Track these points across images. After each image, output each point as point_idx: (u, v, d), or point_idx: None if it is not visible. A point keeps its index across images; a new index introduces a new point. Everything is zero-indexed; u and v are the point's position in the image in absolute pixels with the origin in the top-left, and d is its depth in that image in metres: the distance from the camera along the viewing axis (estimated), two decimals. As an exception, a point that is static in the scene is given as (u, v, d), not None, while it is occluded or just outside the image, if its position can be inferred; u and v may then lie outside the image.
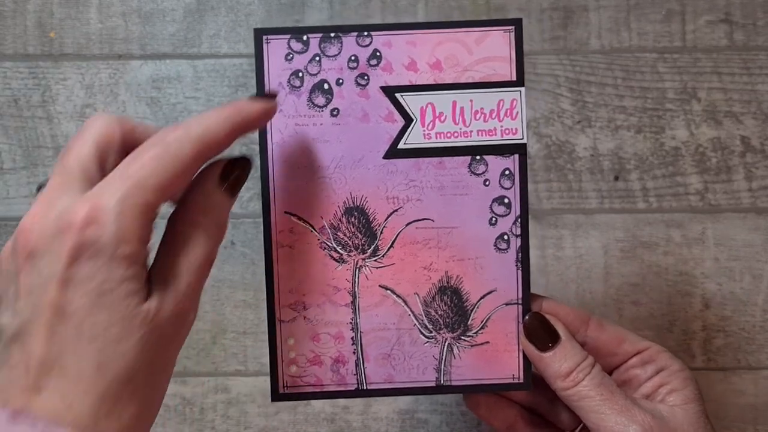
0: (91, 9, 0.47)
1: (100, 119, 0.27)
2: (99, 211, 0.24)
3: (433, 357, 0.34)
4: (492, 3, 0.47)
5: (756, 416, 0.46)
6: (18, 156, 0.47)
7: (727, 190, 0.47)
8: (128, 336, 0.25)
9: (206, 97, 0.47)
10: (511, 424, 0.37)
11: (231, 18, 0.47)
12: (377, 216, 0.33)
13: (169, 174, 0.25)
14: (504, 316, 0.34)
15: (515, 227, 0.33)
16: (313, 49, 0.33)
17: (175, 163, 0.26)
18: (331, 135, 0.33)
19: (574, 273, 0.47)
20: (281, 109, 0.33)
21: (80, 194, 0.25)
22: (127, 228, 0.24)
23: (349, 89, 0.33)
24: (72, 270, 0.24)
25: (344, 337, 0.34)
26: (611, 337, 0.34)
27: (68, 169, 0.26)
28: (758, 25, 0.47)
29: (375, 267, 0.33)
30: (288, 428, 0.46)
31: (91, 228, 0.24)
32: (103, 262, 0.24)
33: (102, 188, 0.25)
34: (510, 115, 0.33)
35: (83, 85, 0.47)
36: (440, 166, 0.33)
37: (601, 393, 0.32)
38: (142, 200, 0.25)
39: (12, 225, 0.47)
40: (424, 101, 0.33)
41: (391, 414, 0.46)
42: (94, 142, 0.27)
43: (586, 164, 0.47)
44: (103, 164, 0.27)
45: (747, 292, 0.47)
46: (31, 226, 0.25)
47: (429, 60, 0.33)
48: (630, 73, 0.47)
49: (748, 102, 0.47)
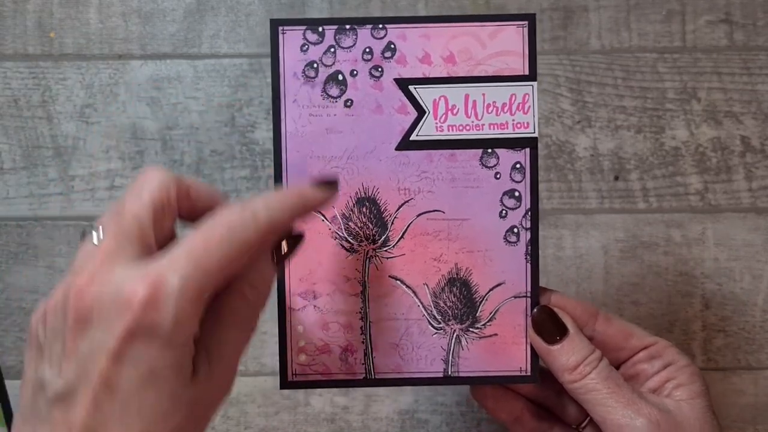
0: (91, 9, 0.47)
1: (157, 175, 0.27)
2: (160, 293, 0.24)
3: (441, 348, 0.34)
4: (492, 3, 0.47)
5: (756, 416, 0.46)
6: (18, 156, 0.47)
7: (727, 190, 0.47)
8: (174, 413, 0.25)
9: (206, 97, 0.47)
10: (518, 417, 0.37)
11: (231, 18, 0.47)
12: (388, 207, 0.33)
13: (232, 259, 0.25)
14: (512, 308, 0.34)
15: (525, 220, 0.34)
16: (329, 41, 0.33)
17: (240, 248, 0.26)
18: (344, 126, 0.33)
19: (574, 273, 0.47)
20: (295, 98, 0.33)
21: (138, 260, 0.25)
22: (184, 313, 0.24)
23: (363, 81, 0.33)
24: (126, 347, 0.24)
25: (353, 327, 0.34)
26: (619, 331, 0.34)
27: (125, 229, 0.26)
28: (758, 25, 0.47)
29: (385, 257, 0.34)
30: (288, 428, 0.46)
31: (150, 311, 0.24)
32: (158, 345, 0.24)
33: (164, 266, 0.25)
34: (522, 109, 0.33)
35: (83, 85, 0.47)
36: (452, 158, 0.33)
37: (607, 386, 0.32)
38: (202, 284, 0.25)
39: (12, 225, 0.47)
40: (437, 94, 0.33)
41: (391, 414, 0.46)
42: (152, 202, 0.26)
43: (586, 164, 0.47)
44: (159, 226, 0.26)
45: (747, 292, 0.47)
46: (86, 290, 0.25)
47: (443, 53, 0.33)
48: (630, 73, 0.47)
49: (748, 102, 0.47)
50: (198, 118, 0.47)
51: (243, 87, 0.47)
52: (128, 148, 0.47)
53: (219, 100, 0.47)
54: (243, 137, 0.47)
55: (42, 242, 0.47)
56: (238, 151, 0.47)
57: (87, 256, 0.26)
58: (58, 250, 0.47)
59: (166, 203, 0.27)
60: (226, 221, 0.26)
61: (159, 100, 0.47)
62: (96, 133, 0.47)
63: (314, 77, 0.33)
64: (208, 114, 0.47)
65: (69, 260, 0.46)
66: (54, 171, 0.47)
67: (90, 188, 0.47)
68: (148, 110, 0.47)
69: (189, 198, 0.28)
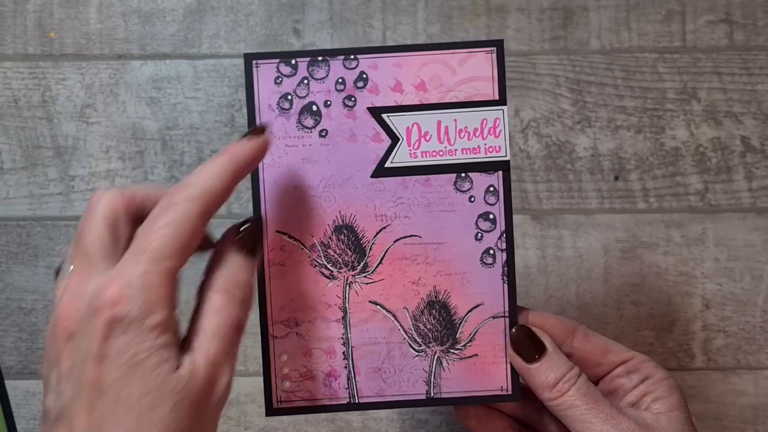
0: (91, 9, 0.47)
1: (103, 196, 0.29)
2: (125, 287, 0.26)
3: (423, 370, 0.34)
4: (492, 3, 0.47)
5: (756, 416, 0.46)
6: (18, 156, 0.47)
7: (727, 190, 0.47)
8: (162, 403, 0.26)
9: (206, 97, 0.47)
10: None
11: (231, 18, 0.47)
12: (366, 233, 0.34)
13: (181, 238, 0.27)
14: (491, 329, 0.34)
15: (500, 242, 0.34)
16: (302, 73, 0.33)
17: (185, 226, 0.27)
18: (319, 155, 0.34)
19: (574, 273, 0.47)
20: (271, 130, 0.33)
21: (105, 273, 0.27)
22: (153, 298, 0.26)
23: (337, 111, 0.34)
24: (105, 346, 0.25)
25: (336, 352, 0.34)
26: (597, 347, 0.35)
27: (87, 251, 0.28)
28: (758, 25, 0.47)
29: (365, 283, 0.34)
30: (288, 428, 0.46)
31: (120, 304, 0.25)
32: (134, 334, 0.25)
33: (124, 265, 0.26)
34: (493, 133, 0.34)
35: (83, 85, 0.47)
36: (427, 183, 0.34)
37: (586, 402, 0.32)
38: (162, 268, 0.26)
39: (12, 225, 0.47)
40: (410, 121, 0.34)
41: (391, 414, 0.46)
42: (104, 218, 0.28)
43: (586, 164, 0.47)
44: (116, 238, 0.28)
45: (747, 293, 0.47)
46: (67, 312, 0.27)
47: (414, 81, 0.34)
48: (630, 73, 0.47)
49: (748, 102, 0.47)
50: (198, 118, 0.47)
51: (243, 87, 0.47)
52: (128, 148, 0.47)
53: (219, 100, 0.47)
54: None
55: (42, 242, 0.47)
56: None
57: (63, 287, 0.28)
58: (58, 250, 0.47)
59: (117, 215, 0.28)
60: (165, 205, 0.28)
61: (159, 100, 0.47)
62: (96, 133, 0.47)
63: (289, 109, 0.33)
64: (208, 114, 0.47)
65: (69, 260, 0.47)
66: (54, 171, 0.47)
67: (90, 188, 0.47)
68: (148, 110, 0.47)
69: (138, 203, 0.29)
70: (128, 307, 0.25)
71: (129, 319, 0.25)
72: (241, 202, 0.47)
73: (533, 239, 0.47)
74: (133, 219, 0.29)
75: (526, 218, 0.47)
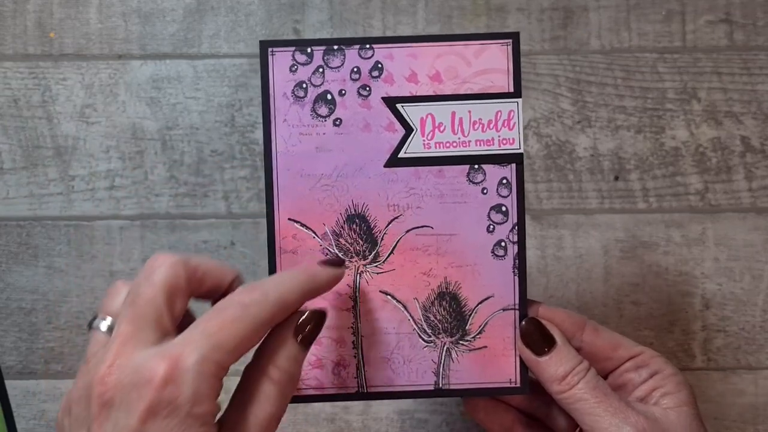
0: (91, 9, 0.47)
1: (165, 261, 0.28)
2: (178, 371, 0.25)
3: (432, 361, 0.34)
4: (492, 3, 0.47)
5: (756, 416, 0.46)
6: (18, 156, 0.47)
7: (727, 190, 0.47)
8: None
9: (206, 97, 0.47)
10: (509, 428, 0.37)
11: (231, 18, 0.47)
12: (378, 223, 0.34)
13: (246, 336, 0.27)
14: (501, 321, 0.34)
15: (512, 234, 0.34)
16: (317, 61, 0.34)
17: (254, 326, 0.27)
18: (333, 144, 0.34)
19: (574, 273, 0.47)
20: (285, 118, 0.33)
21: (155, 345, 0.26)
22: (203, 389, 0.25)
23: (352, 100, 0.34)
24: (147, 426, 0.25)
25: (345, 341, 0.34)
26: (606, 342, 0.35)
27: (141, 316, 0.27)
28: (758, 25, 0.47)
29: (376, 273, 0.34)
30: (288, 428, 0.46)
31: (169, 387, 0.25)
32: (178, 420, 0.25)
33: (181, 345, 0.26)
34: (507, 125, 0.34)
35: (83, 85, 0.47)
36: (439, 174, 0.34)
37: (595, 396, 0.32)
38: (219, 360, 0.26)
39: (12, 225, 0.47)
40: (424, 112, 0.34)
41: (391, 414, 0.46)
42: (164, 287, 0.27)
43: (586, 164, 0.47)
44: (172, 310, 0.28)
45: (747, 292, 0.47)
46: (108, 377, 0.26)
47: (429, 72, 0.34)
48: (630, 73, 0.47)
49: (748, 102, 0.47)
50: (198, 118, 0.47)
51: (243, 87, 0.47)
52: (128, 148, 0.47)
53: (219, 100, 0.47)
54: (243, 137, 0.47)
55: (42, 242, 0.47)
56: (238, 151, 0.47)
57: (102, 345, 0.27)
58: (58, 250, 0.47)
59: (177, 286, 0.28)
60: (238, 300, 0.27)
61: (159, 100, 0.47)
62: (96, 133, 0.47)
63: (303, 97, 0.34)
64: (208, 114, 0.47)
65: (69, 260, 0.47)
66: (54, 171, 0.47)
67: (90, 188, 0.47)
68: (148, 110, 0.47)
69: (199, 277, 0.29)
70: (178, 393, 0.25)
71: (177, 404, 0.25)
72: (240, 202, 0.47)
73: (533, 239, 0.47)
74: (191, 293, 0.29)
75: (526, 218, 0.47)
